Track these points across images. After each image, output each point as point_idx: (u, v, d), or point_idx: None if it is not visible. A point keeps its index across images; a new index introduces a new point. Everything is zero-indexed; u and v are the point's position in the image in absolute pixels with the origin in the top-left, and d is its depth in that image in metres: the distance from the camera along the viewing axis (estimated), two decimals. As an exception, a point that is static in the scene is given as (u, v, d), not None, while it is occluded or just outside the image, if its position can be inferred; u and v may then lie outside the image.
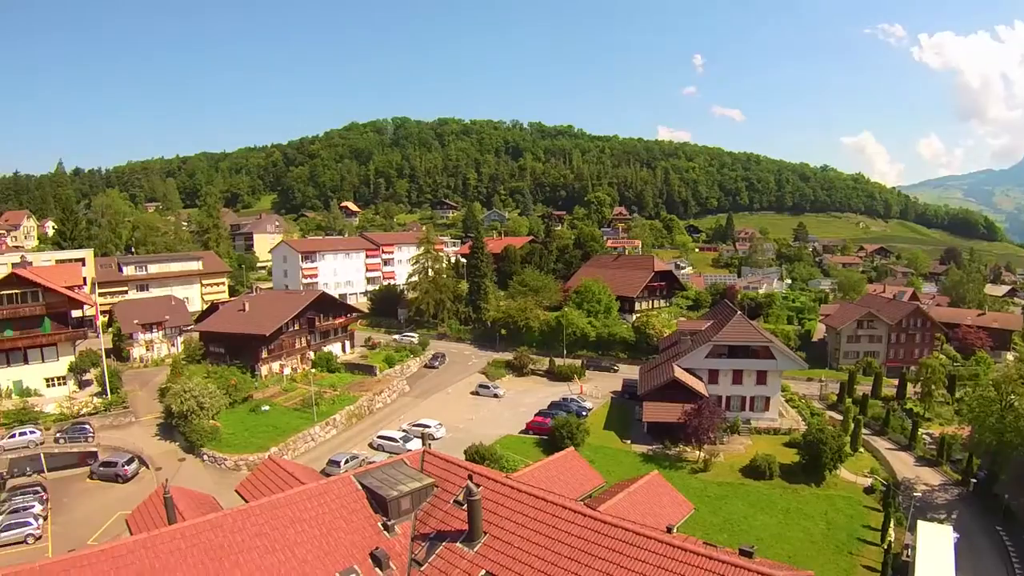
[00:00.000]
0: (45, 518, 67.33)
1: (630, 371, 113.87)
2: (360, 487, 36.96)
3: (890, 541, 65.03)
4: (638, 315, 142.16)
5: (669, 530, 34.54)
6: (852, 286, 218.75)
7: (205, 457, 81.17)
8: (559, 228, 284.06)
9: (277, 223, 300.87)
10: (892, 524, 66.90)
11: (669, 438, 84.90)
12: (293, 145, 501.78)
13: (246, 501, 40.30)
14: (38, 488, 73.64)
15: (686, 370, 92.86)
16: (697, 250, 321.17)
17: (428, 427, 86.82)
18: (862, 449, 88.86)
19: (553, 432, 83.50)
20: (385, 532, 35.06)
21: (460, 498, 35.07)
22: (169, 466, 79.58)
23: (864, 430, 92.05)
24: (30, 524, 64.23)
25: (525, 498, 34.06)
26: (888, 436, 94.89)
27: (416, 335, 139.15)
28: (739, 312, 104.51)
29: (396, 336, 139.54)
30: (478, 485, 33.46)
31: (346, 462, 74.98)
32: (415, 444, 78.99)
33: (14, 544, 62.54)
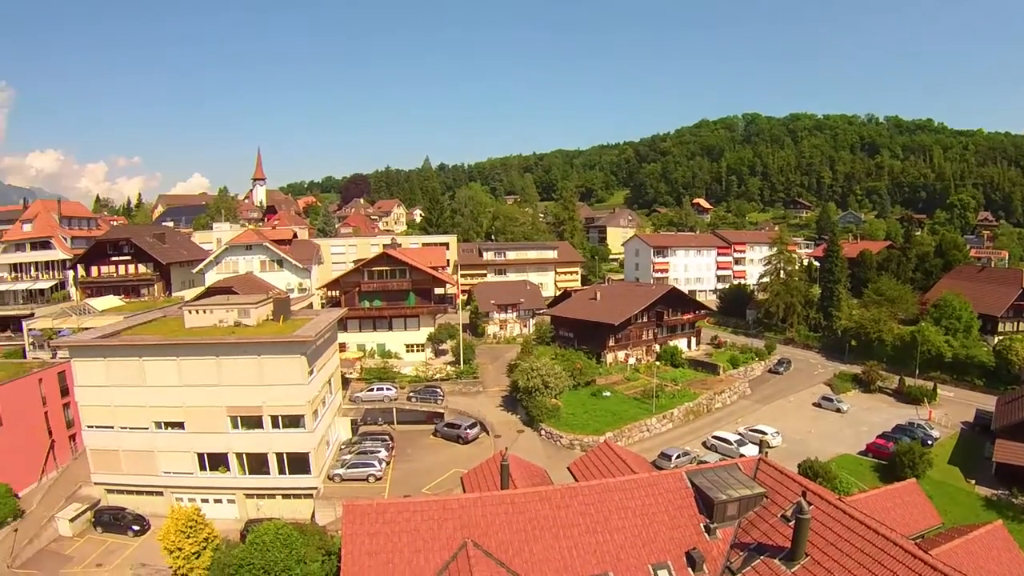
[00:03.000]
0: (388, 463, 74.17)
1: (986, 400, 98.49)
2: (690, 485, 36.18)
3: None
4: (1000, 337, 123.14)
5: (1002, 590, 29.23)
6: None
7: (543, 432, 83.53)
8: (919, 233, 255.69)
9: (630, 217, 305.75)
10: None
11: (1019, 485, 71.87)
12: (645, 142, 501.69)
13: (576, 479, 41.66)
14: (386, 437, 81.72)
15: (1050, 407, 78.02)
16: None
17: (765, 434, 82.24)
18: None
19: (894, 458, 74.82)
20: (706, 534, 34.23)
21: (788, 513, 33.17)
22: (508, 436, 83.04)
23: None
24: (374, 466, 71.30)
25: (856, 525, 31.14)
26: None
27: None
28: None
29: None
30: (809, 503, 31.39)
31: (677, 457, 73.45)
32: (749, 449, 76.27)
33: (357, 480, 69.92)
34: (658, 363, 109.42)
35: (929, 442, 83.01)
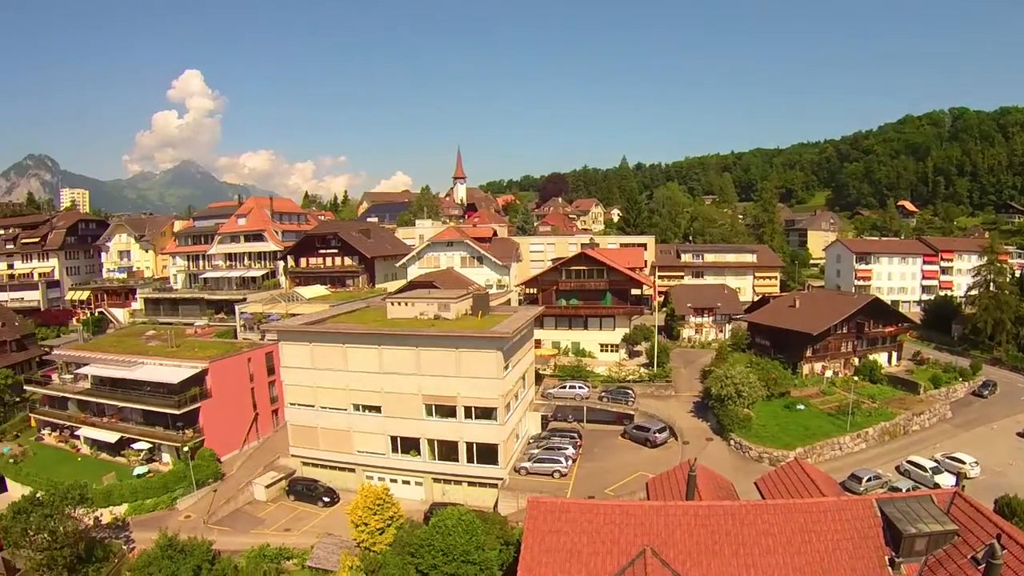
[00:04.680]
0: (574, 461, 75.07)
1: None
2: (879, 514, 34.00)
3: None
4: None
5: None
6: None
7: (732, 442, 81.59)
8: None
9: (831, 220, 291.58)
10: None
11: None
12: (847, 140, 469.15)
13: (762, 496, 40.83)
14: (574, 435, 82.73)
15: None
16: None
17: (963, 463, 75.76)
18: None
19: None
20: (889, 568, 32.12)
21: (979, 555, 30.32)
22: (696, 443, 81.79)
23: None
24: (560, 462, 72.32)
25: (1050, 579, 28.25)
26: None
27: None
28: None
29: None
30: (1003, 548, 28.65)
31: (868, 480, 69.85)
32: (943, 478, 71.30)
33: (543, 475, 71.18)
34: (856, 377, 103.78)
35: None
